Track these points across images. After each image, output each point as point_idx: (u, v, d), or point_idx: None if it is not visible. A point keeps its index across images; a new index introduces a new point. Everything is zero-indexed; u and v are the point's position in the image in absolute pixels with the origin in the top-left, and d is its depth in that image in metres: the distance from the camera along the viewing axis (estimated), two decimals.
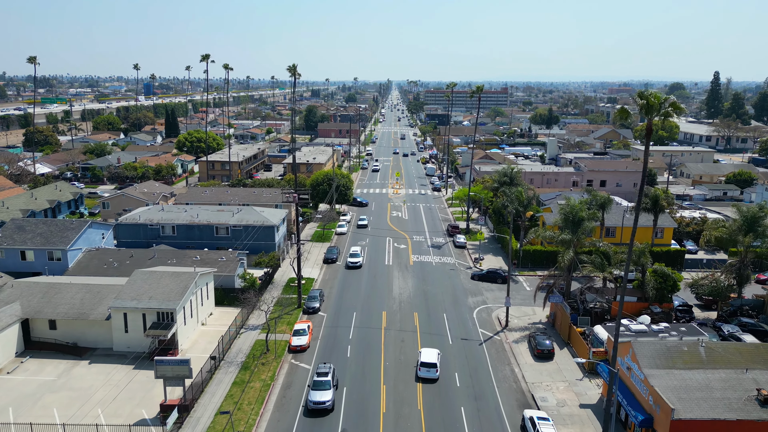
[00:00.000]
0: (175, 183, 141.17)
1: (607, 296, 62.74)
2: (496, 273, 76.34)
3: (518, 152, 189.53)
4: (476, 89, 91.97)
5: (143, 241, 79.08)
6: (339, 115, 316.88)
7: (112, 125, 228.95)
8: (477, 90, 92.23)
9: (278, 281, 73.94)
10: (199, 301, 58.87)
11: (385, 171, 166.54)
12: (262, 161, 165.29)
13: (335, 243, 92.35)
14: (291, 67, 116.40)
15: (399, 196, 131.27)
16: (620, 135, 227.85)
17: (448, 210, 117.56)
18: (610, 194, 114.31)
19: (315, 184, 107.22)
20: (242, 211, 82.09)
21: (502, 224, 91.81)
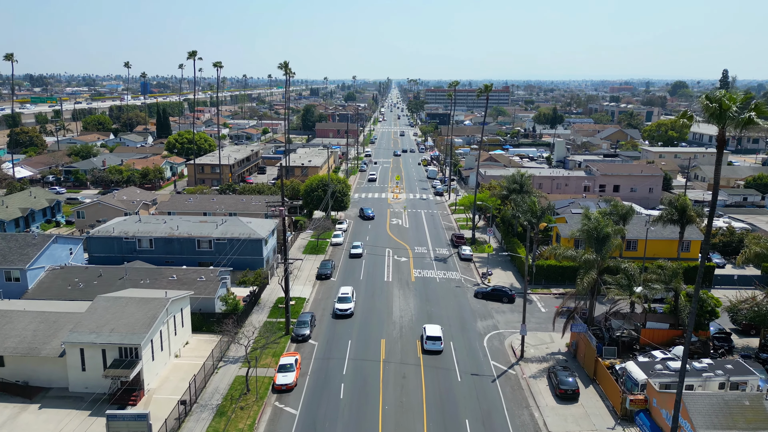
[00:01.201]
0: (163, 187, 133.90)
1: (636, 322, 55.54)
2: (502, 291, 68.99)
3: (523, 153, 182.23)
4: (483, 88, 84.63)
5: (118, 256, 71.78)
6: (338, 115, 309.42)
7: (103, 125, 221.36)
8: (484, 89, 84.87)
9: (266, 301, 66.60)
10: (171, 330, 51.55)
11: (384, 174, 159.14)
12: (256, 163, 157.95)
13: (330, 255, 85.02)
14: (283, 64, 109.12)
15: (399, 201, 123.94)
16: (627, 135, 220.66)
17: (451, 217, 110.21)
18: (624, 200, 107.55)
19: (309, 190, 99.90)
20: (227, 222, 74.75)
21: (511, 235, 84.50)
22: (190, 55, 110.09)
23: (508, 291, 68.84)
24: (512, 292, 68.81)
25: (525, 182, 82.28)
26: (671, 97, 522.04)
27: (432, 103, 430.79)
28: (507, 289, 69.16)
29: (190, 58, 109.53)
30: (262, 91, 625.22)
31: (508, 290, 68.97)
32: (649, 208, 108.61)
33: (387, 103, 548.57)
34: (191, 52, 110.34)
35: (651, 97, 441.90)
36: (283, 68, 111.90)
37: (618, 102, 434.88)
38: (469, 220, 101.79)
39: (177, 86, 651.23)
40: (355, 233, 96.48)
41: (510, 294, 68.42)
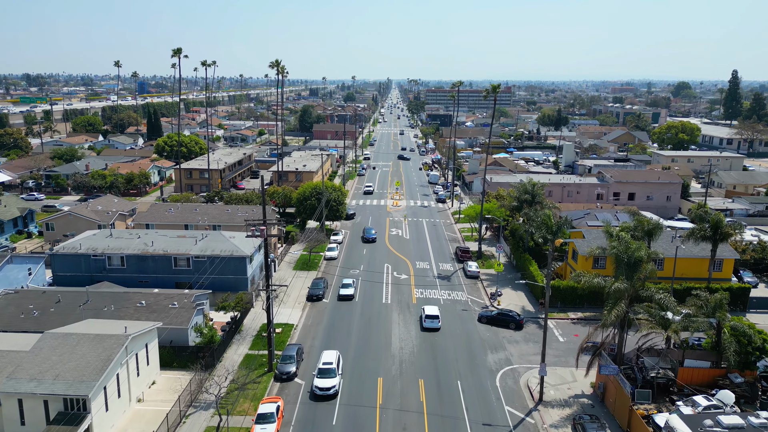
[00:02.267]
0: (150, 193, 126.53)
1: (672, 359, 48.14)
2: (509, 316, 61.53)
3: (528, 157, 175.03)
4: (491, 89, 77.23)
5: (85, 276, 64.40)
6: (336, 115, 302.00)
7: (93, 126, 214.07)
8: (492, 90, 77.46)
9: (249, 328, 59.20)
10: (133, 370, 44.16)
11: (383, 178, 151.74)
12: (249, 167, 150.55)
13: (323, 272, 77.62)
14: (275, 63, 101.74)
15: (399, 209, 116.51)
16: (635, 138, 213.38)
17: (455, 227, 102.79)
18: (640, 209, 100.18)
19: (302, 199, 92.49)
20: (208, 237, 67.34)
21: (521, 249, 77.11)
22: (175, 52, 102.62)
23: (516, 316, 61.45)
24: (521, 317, 61.44)
25: (537, 192, 74.84)
26: (675, 98, 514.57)
27: (432, 104, 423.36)
28: (514, 314, 61.76)
29: (174, 56, 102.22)
30: (260, 91, 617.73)
31: (515, 315, 61.59)
32: (667, 217, 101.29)
33: (387, 103, 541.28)
34: (176, 50, 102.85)
35: (655, 98, 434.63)
36: (274, 67, 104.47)
37: (622, 103, 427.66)
38: (475, 230, 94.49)
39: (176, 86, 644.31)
40: (351, 247, 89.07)
41: (518, 320, 61.03)
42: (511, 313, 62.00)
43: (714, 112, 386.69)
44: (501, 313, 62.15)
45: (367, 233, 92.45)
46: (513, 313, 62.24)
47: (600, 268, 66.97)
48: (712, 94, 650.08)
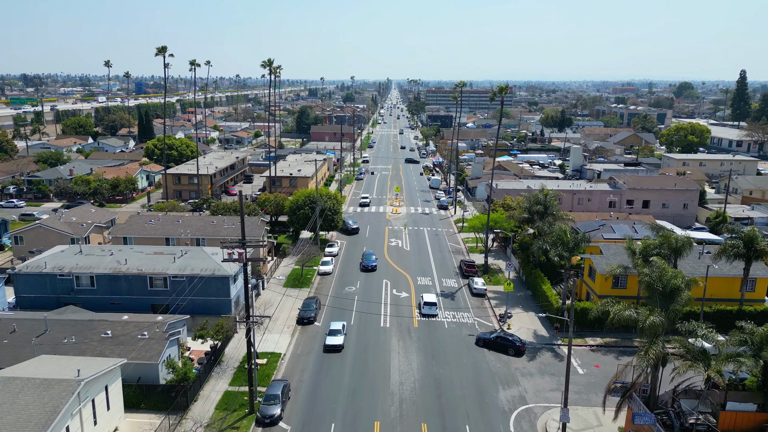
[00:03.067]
0: (136, 199, 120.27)
1: (712, 402, 41.89)
2: (508, 341, 55.52)
3: (532, 160, 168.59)
4: (498, 90, 71.00)
5: (51, 298, 58.23)
6: (335, 116, 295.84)
7: (84, 128, 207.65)
8: (499, 91, 71.21)
9: (230, 359, 52.92)
10: (88, 419, 37.91)
11: (383, 183, 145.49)
12: (242, 171, 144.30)
13: (316, 289, 71.32)
14: (267, 62, 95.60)
15: (399, 216, 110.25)
16: (642, 139, 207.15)
17: (458, 237, 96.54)
18: (655, 217, 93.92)
19: (295, 207, 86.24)
20: (188, 254, 61.10)
21: (531, 264, 70.85)
22: (159, 51, 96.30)
23: (516, 341, 55.45)
24: (521, 342, 55.49)
25: (550, 203, 68.46)
26: (677, 98, 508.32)
27: (433, 104, 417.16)
28: (515, 339, 55.77)
29: (159, 54, 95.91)
30: (258, 91, 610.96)
31: (516, 340, 55.60)
32: (684, 227, 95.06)
33: (387, 104, 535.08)
34: (160, 48, 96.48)
35: (659, 99, 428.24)
36: (266, 66, 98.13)
37: (624, 103, 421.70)
38: (480, 240, 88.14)
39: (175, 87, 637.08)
40: (348, 261, 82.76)
41: (517, 345, 55.01)
42: (512, 338, 55.91)
43: (719, 113, 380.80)
44: (500, 337, 56.18)
45: (367, 260, 77.99)
46: (514, 337, 56.17)
47: (620, 288, 60.86)
48: (714, 94, 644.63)
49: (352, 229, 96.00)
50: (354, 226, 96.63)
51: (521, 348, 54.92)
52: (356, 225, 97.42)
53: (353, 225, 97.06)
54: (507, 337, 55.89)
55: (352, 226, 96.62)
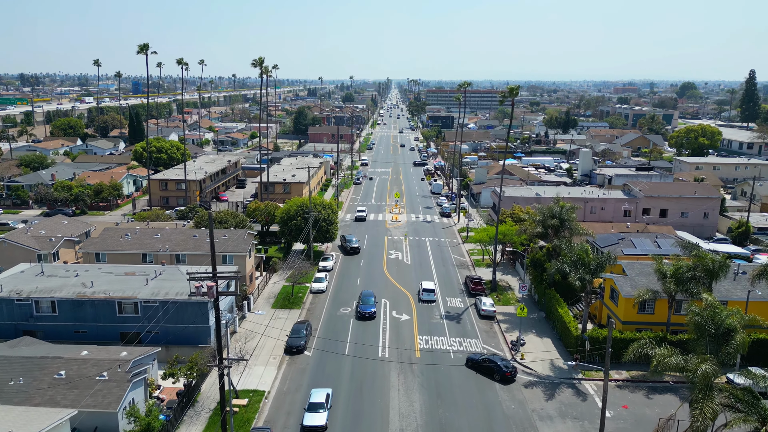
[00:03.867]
0: (121, 206, 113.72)
1: None
2: (494, 364, 50.76)
3: (538, 163, 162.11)
4: (509, 91, 64.34)
5: (9, 325, 51.93)
6: (334, 117, 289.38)
7: (74, 129, 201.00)
8: (510, 92, 64.53)
9: (207, 398, 46.41)
10: None
11: (382, 187, 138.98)
12: (235, 175, 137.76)
13: (308, 310, 64.80)
14: (258, 61, 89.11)
15: (399, 225, 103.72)
16: (650, 141, 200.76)
17: (462, 248, 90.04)
18: (673, 227, 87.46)
19: (286, 218, 79.71)
20: (163, 275, 54.62)
21: (545, 283, 64.36)
22: (141, 48, 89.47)
23: (503, 366, 50.16)
24: (509, 368, 50.17)
25: (567, 216, 61.83)
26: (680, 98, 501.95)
27: (433, 105, 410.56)
28: (503, 364, 50.59)
29: (141, 52, 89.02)
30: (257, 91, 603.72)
31: (503, 365, 50.36)
32: (704, 238, 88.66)
33: (386, 104, 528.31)
34: (142, 45, 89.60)
35: (663, 99, 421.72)
36: (257, 65, 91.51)
37: (627, 103, 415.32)
38: (487, 252, 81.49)
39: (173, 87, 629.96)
40: (343, 275, 76.20)
41: (504, 371, 49.68)
42: (501, 363, 50.71)
43: (724, 113, 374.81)
44: (487, 360, 51.43)
45: (364, 304, 62.86)
46: (503, 362, 50.79)
47: (647, 314, 54.38)
48: (717, 94, 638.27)
49: (351, 248, 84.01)
50: (355, 245, 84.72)
51: (507, 374, 49.60)
52: (357, 243, 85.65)
53: (354, 243, 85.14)
54: (495, 361, 50.80)
55: (353, 244, 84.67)
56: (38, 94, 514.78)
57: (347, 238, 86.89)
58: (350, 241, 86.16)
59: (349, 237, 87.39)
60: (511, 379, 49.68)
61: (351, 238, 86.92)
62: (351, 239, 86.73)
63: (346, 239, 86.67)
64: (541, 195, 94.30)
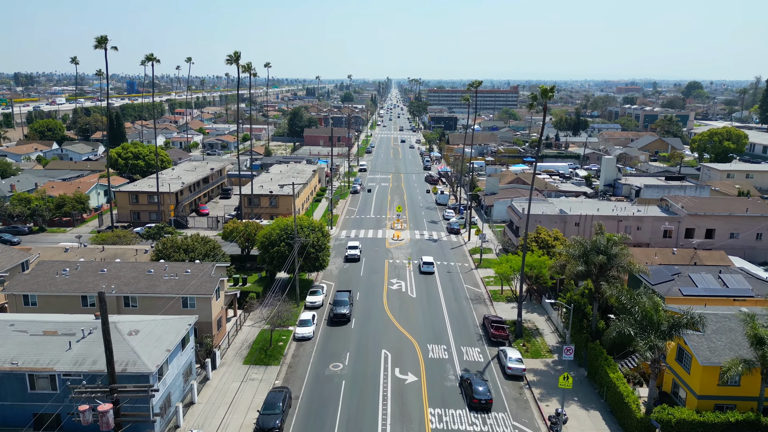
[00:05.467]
0: (87, 221, 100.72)
1: None
2: (470, 387, 45.86)
3: (551, 169, 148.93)
4: (542, 93, 51.22)
5: None
6: (332, 118, 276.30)
7: (52, 132, 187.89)
8: (544, 94, 51.18)
9: None
10: None
11: (382, 197, 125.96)
12: (220, 184, 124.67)
13: (289, 366, 51.73)
14: (233, 56, 76.25)
15: (401, 244, 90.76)
16: (668, 145, 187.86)
17: (476, 274, 77.05)
18: (720, 248, 74.58)
19: (267, 244, 66.68)
20: (94, 333, 41.51)
21: (586, 332, 51.43)
22: (99, 42, 76.05)
23: (478, 396, 44.82)
24: (485, 397, 44.88)
25: (617, 253, 48.61)
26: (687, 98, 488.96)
27: (435, 105, 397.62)
28: (481, 393, 45.07)
29: (99, 46, 75.69)
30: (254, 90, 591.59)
31: (480, 395, 44.92)
32: (757, 263, 75.65)
33: (386, 104, 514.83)
34: (99, 39, 76.29)
35: (672, 99, 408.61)
36: (232, 61, 78.12)
37: (633, 103, 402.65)
38: (501, 279, 68.01)
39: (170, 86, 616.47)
40: None
41: (472, 397, 44.96)
42: (480, 388, 45.43)
43: (735, 113, 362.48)
44: (467, 380, 47.28)
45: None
46: (482, 387, 45.63)
47: (732, 386, 41.34)
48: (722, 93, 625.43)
49: (338, 316, 60.02)
50: (343, 310, 60.33)
51: (474, 400, 44.61)
52: (348, 309, 60.88)
53: (343, 307, 60.87)
54: (472, 384, 45.97)
55: (341, 308, 60.67)
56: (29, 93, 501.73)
57: (336, 299, 62.84)
58: (339, 305, 61.29)
59: (340, 297, 63.06)
60: (484, 406, 44.24)
61: (341, 301, 62.11)
62: (340, 302, 61.77)
63: (335, 302, 62.27)
64: (566, 212, 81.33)
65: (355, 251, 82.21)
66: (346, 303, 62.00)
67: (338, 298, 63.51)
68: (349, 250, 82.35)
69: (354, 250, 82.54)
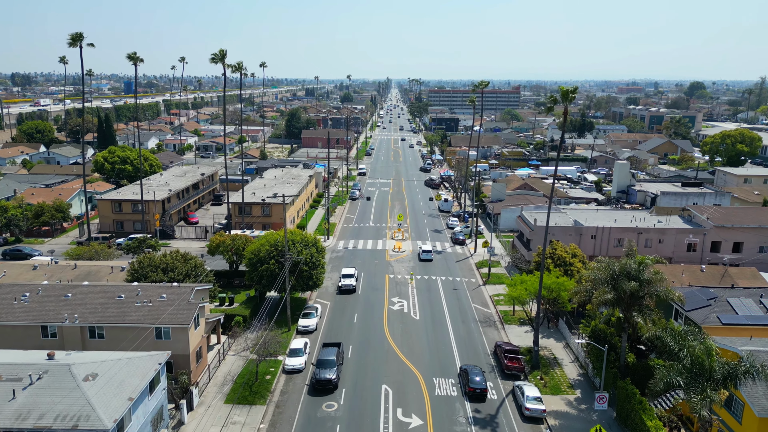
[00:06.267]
0: (67, 231, 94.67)
1: None
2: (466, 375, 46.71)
3: (558, 173, 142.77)
4: (563, 95, 44.74)
5: None
6: (330, 119, 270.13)
7: (42, 133, 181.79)
8: (564, 96, 44.71)
9: None
10: None
11: (382, 203, 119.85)
12: (211, 190, 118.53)
13: (276, 407, 45.54)
14: (218, 55, 70.12)
15: (402, 256, 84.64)
16: (678, 147, 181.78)
17: (484, 291, 70.92)
18: (748, 264, 68.46)
19: (255, 261, 60.56)
20: (45, 378, 35.38)
21: (615, 369, 45.30)
22: (74, 39, 69.51)
23: (475, 385, 45.51)
24: (480, 386, 45.69)
25: (650, 279, 42.45)
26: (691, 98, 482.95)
27: (435, 105, 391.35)
28: (478, 382, 45.66)
29: (73, 44, 68.84)
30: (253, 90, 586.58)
31: (476, 384, 45.46)
32: None
33: (386, 104, 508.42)
34: (74, 36, 69.40)
35: (677, 99, 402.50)
36: (218, 60, 71.80)
37: (636, 104, 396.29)
38: (513, 299, 61.67)
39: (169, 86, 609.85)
40: (329, 340, 57.00)
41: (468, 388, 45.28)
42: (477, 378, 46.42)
43: (740, 114, 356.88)
44: (464, 371, 47.93)
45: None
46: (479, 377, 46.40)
47: None
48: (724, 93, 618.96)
49: (321, 382, 47.06)
50: (328, 375, 47.21)
51: (472, 389, 45.63)
52: (334, 374, 47.54)
53: (329, 371, 47.58)
54: (468, 373, 46.98)
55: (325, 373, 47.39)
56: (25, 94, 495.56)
57: (321, 358, 49.16)
58: (324, 367, 47.84)
59: (325, 356, 49.22)
60: (480, 395, 44.87)
61: (326, 361, 48.42)
62: (325, 364, 48.12)
63: (318, 362, 48.62)
64: (581, 224, 75.18)
65: (350, 281, 68.77)
66: (333, 364, 47.90)
67: (323, 356, 48.94)
68: (343, 280, 69.15)
69: (349, 279, 69.14)
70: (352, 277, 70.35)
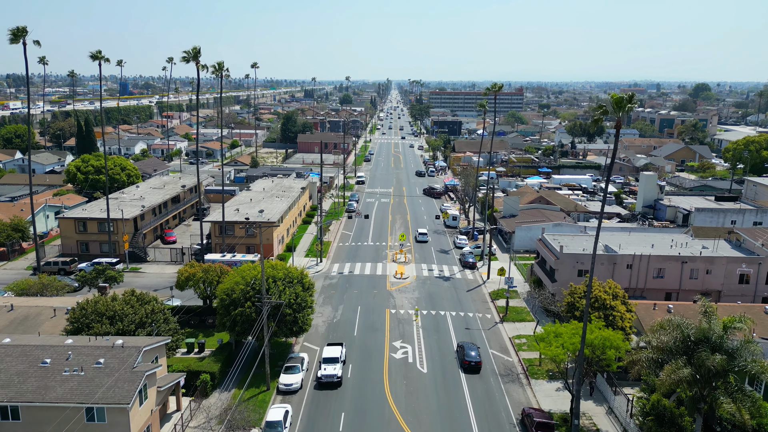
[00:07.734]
0: (27, 252, 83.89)
1: None
2: None
3: (572, 182, 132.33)
4: (616, 103, 33.90)
5: None
6: (328, 122, 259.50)
7: (21, 138, 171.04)
8: (618, 106, 33.80)
9: None
10: None
11: (382, 217, 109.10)
12: (194, 203, 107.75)
13: None
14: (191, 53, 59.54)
15: (405, 284, 73.92)
16: (696, 153, 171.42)
17: (502, 331, 60.26)
18: None
19: (228, 303, 49.84)
20: None
21: None
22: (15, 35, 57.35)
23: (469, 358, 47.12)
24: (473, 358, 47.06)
25: (734, 349, 31.81)
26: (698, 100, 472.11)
27: (437, 107, 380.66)
28: None
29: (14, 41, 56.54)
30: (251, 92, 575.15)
31: None
32: None
33: (386, 106, 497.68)
34: (15, 30, 57.93)
35: (684, 101, 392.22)
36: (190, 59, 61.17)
37: (642, 106, 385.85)
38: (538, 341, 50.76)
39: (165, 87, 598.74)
40: (316, 407, 46.17)
41: None
42: None
43: (750, 117, 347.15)
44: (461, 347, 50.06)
45: None
46: None
47: None
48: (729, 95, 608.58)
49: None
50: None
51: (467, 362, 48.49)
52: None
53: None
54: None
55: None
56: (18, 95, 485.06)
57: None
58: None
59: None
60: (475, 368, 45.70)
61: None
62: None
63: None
64: (614, 251, 64.48)
65: (332, 369, 48.04)
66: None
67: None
68: (324, 367, 48.35)
69: (331, 365, 48.41)
70: (337, 361, 49.26)
